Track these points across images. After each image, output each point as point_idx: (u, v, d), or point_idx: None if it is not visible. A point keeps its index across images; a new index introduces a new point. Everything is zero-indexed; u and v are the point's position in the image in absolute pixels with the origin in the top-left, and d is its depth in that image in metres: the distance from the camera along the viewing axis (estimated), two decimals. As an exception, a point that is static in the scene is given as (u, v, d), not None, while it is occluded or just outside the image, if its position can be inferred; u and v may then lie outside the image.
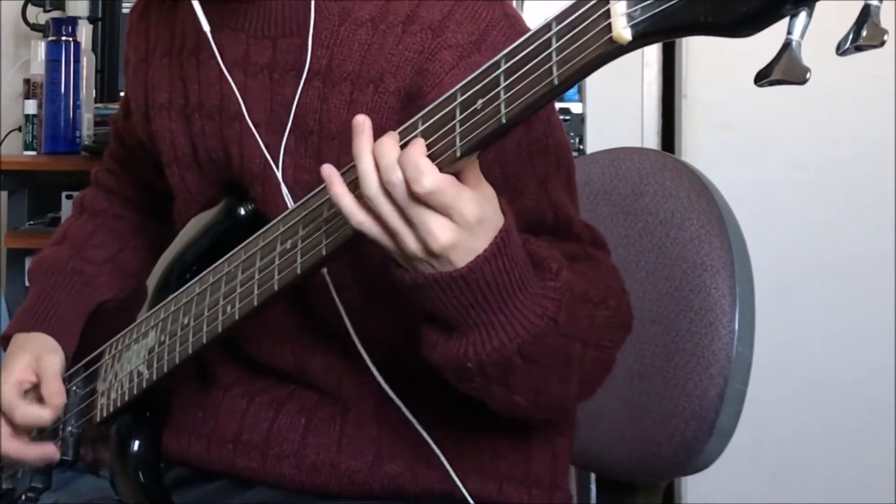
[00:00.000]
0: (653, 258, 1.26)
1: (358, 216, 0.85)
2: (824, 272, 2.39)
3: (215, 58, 1.07)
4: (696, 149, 2.43)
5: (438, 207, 0.81)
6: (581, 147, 2.32)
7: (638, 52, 0.76)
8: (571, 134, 2.26)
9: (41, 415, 1.15)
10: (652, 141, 2.48)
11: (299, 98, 1.02)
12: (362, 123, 0.85)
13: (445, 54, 0.97)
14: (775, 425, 2.34)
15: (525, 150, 0.99)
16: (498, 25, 0.99)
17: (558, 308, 0.89)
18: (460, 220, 0.82)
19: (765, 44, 0.73)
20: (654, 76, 2.49)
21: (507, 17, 1.00)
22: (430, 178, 0.80)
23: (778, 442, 2.38)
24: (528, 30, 1.00)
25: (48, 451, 1.16)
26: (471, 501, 1.03)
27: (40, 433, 1.18)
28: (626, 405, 1.26)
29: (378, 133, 0.91)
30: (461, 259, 0.83)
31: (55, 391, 1.15)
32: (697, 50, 2.43)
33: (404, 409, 1.01)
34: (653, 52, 2.48)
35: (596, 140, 2.33)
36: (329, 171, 0.86)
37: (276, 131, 1.04)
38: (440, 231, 0.82)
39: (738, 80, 2.25)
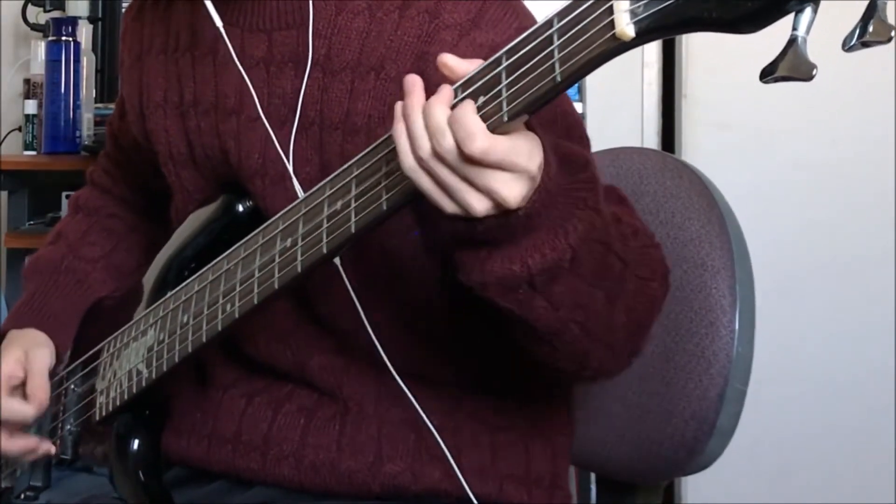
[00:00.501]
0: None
1: (415, 173, 0.80)
2: (824, 272, 2.39)
3: (210, 54, 1.07)
4: (696, 149, 2.43)
5: (498, 166, 0.78)
6: (581, 147, 2.32)
7: (638, 51, 0.76)
8: (571, 134, 2.26)
9: (23, 410, 1.14)
10: (652, 141, 2.48)
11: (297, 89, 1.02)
12: (413, 83, 0.81)
13: (444, 35, 0.97)
14: (775, 425, 2.34)
15: (534, 122, 0.97)
16: (495, 2, 0.99)
17: (596, 197, 0.87)
18: (525, 171, 0.78)
19: (766, 43, 0.73)
20: (654, 76, 2.49)
21: None
22: (482, 139, 0.77)
23: (778, 442, 2.37)
24: (524, 6, 1.00)
25: (30, 444, 1.16)
26: (474, 501, 1.03)
27: (38, 431, 1.18)
28: (626, 405, 1.26)
29: (382, 122, 0.90)
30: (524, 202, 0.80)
31: (39, 387, 1.15)
32: (697, 49, 2.43)
33: (415, 403, 1.01)
34: (653, 52, 2.47)
35: (596, 140, 2.30)
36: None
37: (275, 125, 1.03)
38: (507, 189, 0.78)
39: (738, 80, 2.26)
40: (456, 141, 0.77)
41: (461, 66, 0.80)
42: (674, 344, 1.22)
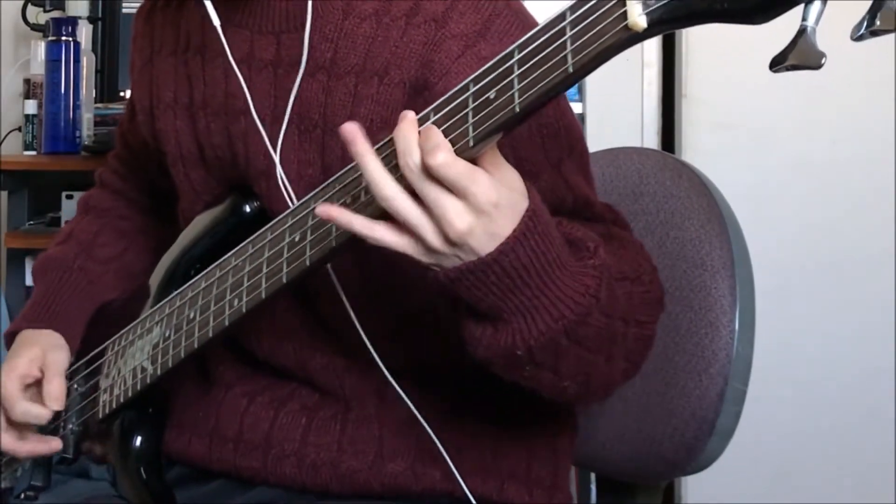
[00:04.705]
0: (653, 258, 1.26)
1: (377, 229, 0.84)
2: (824, 272, 2.39)
3: (220, 55, 1.07)
4: (696, 149, 2.42)
5: (453, 187, 0.79)
6: (581, 147, 2.31)
7: (638, 51, 0.76)
8: (571, 134, 2.25)
9: (39, 413, 1.14)
10: (652, 141, 2.48)
11: (303, 92, 1.02)
12: (352, 131, 0.83)
13: (450, 44, 0.97)
14: (775, 425, 2.33)
15: (536, 134, 0.98)
16: (501, 14, 0.99)
17: (599, 285, 0.88)
18: (475, 203, 0.80)
19: (768, 44, 0.73)
20: (654, 76, 2.49)
21: (509, 6, 1.00)
22: (445, 152, 0.79)
23: (778, 442, 2.37)
24: (532, 18, 1.01)
25: (40, 447, 1.15)
26: (472, 500, 1.03)
27: (42, 430, 1.18)
28: (626, 405, 1.26)
29: (384, 127, 0.90)
30: (484, 245, 0.81)
31: (56, 390, 1.14)
32: (697, 49, 2.42)
33: (411, 406, 1.01)
34: (653, 52, 2.47)
35: (596, 140, 2.32)
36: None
37: (281, 127, 1.03)
38: (456, 217, 0.80)
39: (738, 80, 2.25)
40: (421, 155, 0.79)
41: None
42: (674, 344, 1.22)
